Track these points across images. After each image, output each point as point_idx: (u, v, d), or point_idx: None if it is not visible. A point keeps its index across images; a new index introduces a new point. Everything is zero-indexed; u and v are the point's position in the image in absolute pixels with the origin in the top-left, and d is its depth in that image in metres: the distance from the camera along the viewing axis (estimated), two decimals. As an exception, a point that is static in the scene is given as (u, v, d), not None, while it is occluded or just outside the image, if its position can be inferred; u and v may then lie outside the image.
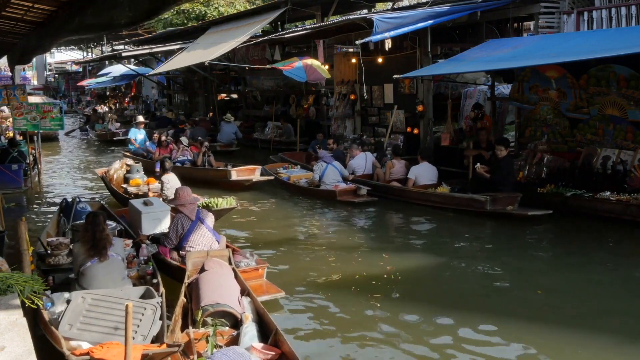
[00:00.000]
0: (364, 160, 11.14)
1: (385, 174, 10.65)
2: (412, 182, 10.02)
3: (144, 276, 5.74)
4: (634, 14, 9.40)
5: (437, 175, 10.19)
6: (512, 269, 6.85)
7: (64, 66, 48.05)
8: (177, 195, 6.46)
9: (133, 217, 7.63)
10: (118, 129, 21.39)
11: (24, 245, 4.96)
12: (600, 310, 5.62)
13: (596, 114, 9.53)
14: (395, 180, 10.43)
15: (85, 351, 3.92)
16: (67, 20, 6.99)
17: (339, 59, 13.81)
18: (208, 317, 4.62)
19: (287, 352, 4.12)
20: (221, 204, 9.06)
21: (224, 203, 9.09)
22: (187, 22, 24.66)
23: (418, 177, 10.05)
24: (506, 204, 8.59)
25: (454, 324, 5.28)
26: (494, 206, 8.55)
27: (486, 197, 8.59)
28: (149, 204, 7.52)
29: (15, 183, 11.53)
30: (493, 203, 8.56)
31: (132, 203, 7.79)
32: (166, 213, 7.51)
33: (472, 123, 11.75)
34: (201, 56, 15.06)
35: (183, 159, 13.22)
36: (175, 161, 12.48)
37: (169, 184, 9.32)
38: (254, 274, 5.83)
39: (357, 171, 11.04)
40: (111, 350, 3.82)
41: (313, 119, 16.50)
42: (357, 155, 11.21)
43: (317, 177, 10.50)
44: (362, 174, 10.99)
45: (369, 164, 11.14)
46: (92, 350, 3.86)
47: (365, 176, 10.90)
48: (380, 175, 10.74)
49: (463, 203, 8.95)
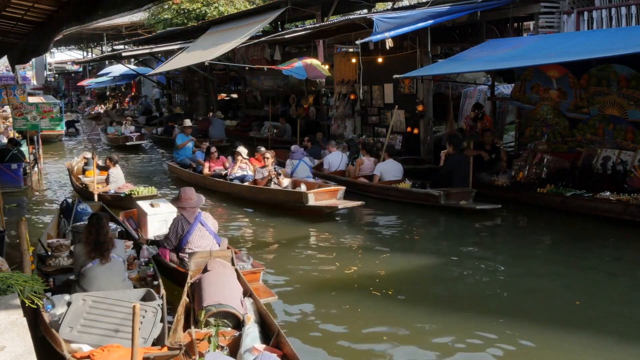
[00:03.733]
0: (339, 157, 11.67)
1: (355, 170, 11.05)
2: (377, 178, 10.43)
3: (144, 278, 5.73)
4: (634, 14, 9.40)
5: (402, 171, 10.56)
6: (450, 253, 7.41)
7: (64, 66, 48.05)
8: (180, 195, 6.36)
9: (141, 219, 7.65)
10: (132, 133, 19.15)
11: (24, 245, 4.95)
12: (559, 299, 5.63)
13: (596, 113, 9.53)
14: (364, 177, 10.76)
15: (86, 354, 3.90)
16: (68, 18, 6.97)
17: (339, 58, 13.82)
18: (210, 317, 4.61)
19: (289, 353, 4.12)
20: (142, 192, 9.67)
21: (145, 191, 9.70)
22: (187, 22, 24.66)
23: (383, 173, 10.43)
24: (459, 199, 9.09)
25: (456, 323, 5.29)
26: (447, 201, 9.08)
27: (440, 192, 9.10)
28: (155, 206, 7.53)
29: (14, 182, 11.52)
30: (447, 198, 9.08)
31: (139, 204, 7.81)
32: (173, 215, 7.51)
33: (472, 123, 11.76)
34: (201, 56, 15.07)
35: (242, 175, 10.74)
36: (231, 178, 10.72)
37: (113, 177, 10.13)
38: (250, 277, 5.81)
39: (332, 166, 11.52)
40: (112, 353, 3.80)
41: (313, 119, 16.51)
42: (333, 152, 11.76)
43: (288, 171, 10.79)
44: (337, 169, 11.45)
45: (343, 160, 11.66)
46: (92, 354, 3.84)
47: (339, 172, 11.35)
48: (351, 171, 11.16)
49: (420, 197, 9.46)
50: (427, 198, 9.29)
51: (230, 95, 23.24)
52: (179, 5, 25.51)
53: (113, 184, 10.18)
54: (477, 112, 11.74)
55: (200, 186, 10.63)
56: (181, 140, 13.40)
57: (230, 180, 10.67)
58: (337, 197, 9.11)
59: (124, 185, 10.24)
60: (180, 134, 13.81)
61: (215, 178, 11.12)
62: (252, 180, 10.34)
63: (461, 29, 12.63)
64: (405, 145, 12.51)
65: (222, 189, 10.86)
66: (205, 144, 12.50)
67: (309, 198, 8.90)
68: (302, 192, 9.08)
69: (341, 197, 9.14)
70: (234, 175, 10.73)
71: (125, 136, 18.90)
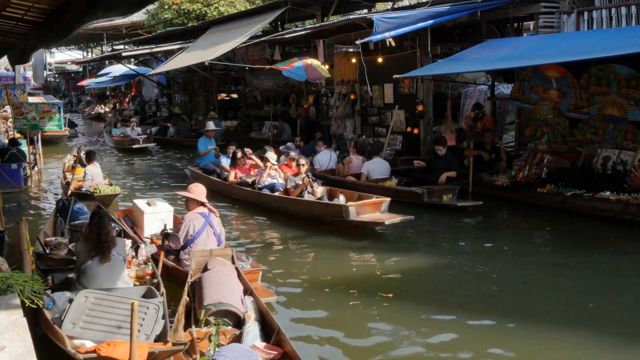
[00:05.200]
0: (329, 156, 11.82)
1: (344, 169, 11.18)
2: (364, 177, 10.56)
3: (143, 276, 5.74)
4: (634, 14, 9.41)
5: (389, 169, 10.71)
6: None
7: (64, 66, 48.07)
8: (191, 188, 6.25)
9: (137, 218, 7.65)
10: (139, 136, 18.40)
11: (25, 245, 4.96)
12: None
13: (596, 113, 9.54)
14: (352, 175, 10.88)
15: (92, 349, 3.92)
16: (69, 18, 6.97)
17: (339, 58, 13.81)
18: (211, 316, 4.61)
19: (289, 351, 4.13)
20: (104, 190, 9.74)
21: (108, 190, 9.78)
22: (187, 22, 24.67)
23: (370, 172, 10.57)
24: (442, 195, 9.32)
25: (456, 322, 5.30)
26: (430, 198, 9.30)
27: (422, 189, 9.36)
28: (152, 204, 7.53)
29: (14, 182, 11.53)
30: (429, 195, 9.30)
31: (135, 203, 7.82)
32: (169, 214, 7.52)
33: (472, 123, 11.76)
34: (201, 56, 15.07)
35: (272, 184, 9.66)
36: (259, 186, 9.73)
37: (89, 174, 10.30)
38: (249, 277, 5.81)
39: (322, 165, 11.70)
40: (117, 348, 3.82)
41: (313, 119, 16.52)
42: (322, 152, 11.91)
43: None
44: (327, 168, 11.64)
45: (333, 159, 11.80)
46: (99, 349, 3.86)
47: (328, 171, 11.53)
48: (340, 170, 11.30)
49: (404, 195, 9.61)
50: (411, 196, 9.47)
51: (230, 95, 23.26)
52: (179, 5, 25.53)
53: (88, 181, 10.36)
54: (477, 112, 11.75)
55: (225, 195, 10.32)
56: (204, 146, 12.32)
57: (259, 190, 9.72)
58: (380, 209, 8.31)
59: (96, 183, 10.33)
60: (202, 138, 12.62)
61: (242, 186, 10.20)
62: (283, 189, 9.46)
63: (461, 29, 12.64)
64: (406, 145, 12.51)
65: (250, 199, 9.97)
66: (231, 148, 11.44)
67: (349, 212, 8.04)
68: (342, 205, 8.21)
69: (385, 210, 8.32)
70: (263, 183, 9.70)
71: (131, 139, 18.20)
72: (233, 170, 10.55)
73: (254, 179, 10.02)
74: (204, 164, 12.07)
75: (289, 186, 9.25)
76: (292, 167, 10.00)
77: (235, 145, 11.58)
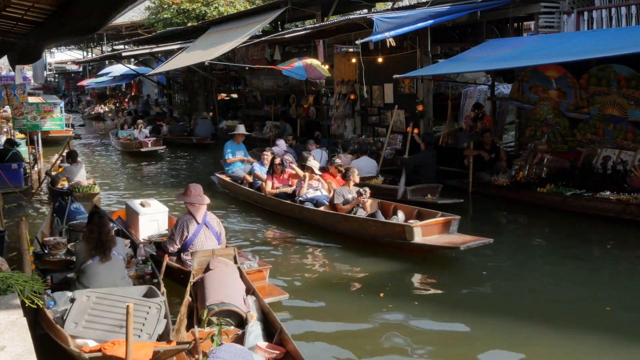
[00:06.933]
0: (319, 154, 11.70)
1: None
2: None
3: (142, 276, 5.72)
4: (634, 14, 9.42)
5: (376, 168, 10.72)
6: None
7: (64, 66, 48.08)
8: (188, 191, 6.18)
9: (130, 219, 7.60)
10: (147, 138, 17.31)
11: (25, 245, 4.96)
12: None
13: (596, 113, 9.54)
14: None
15: (97, 348, 3.92)
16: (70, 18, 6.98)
17: (339, 58, 13.82)
18: (213, 316, 4.62)
19: (292, 350, 4.14)
20: (84, 189, 9.78)
21: (88, 189, 9.82)
22: (187, 22, 24.68)
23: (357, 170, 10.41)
24: (425, 194, 9.24)
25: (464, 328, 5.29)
26: (413, 195, 9.22)
27: (405, 188, 9.33)
28: (146, 205, 7.49)
29: (14, 182, 11.51)
30: (412, 193, 9.25)
31: (128, 204, 7.77)
32: (164, 215, 7.49)
33: (472, 123, 11.76)
34: (201, 56, 15.06)
35: (316, 196, 8.43)
36: (301, 199, 8.52)
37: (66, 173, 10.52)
38: (257, 276, 5.80)
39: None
40: (122, 347, 3.82)
41: (313, 119, 16.53)
42: (313, 150, 11.76)
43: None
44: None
45: (323, 157, 11.66)
46: (104, 347, 3.86)
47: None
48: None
49: (389, 192, 9.49)
50: (395, 193, 9.40)
51: (230, 95, 23.27)
52: (178, 5, 25.53)
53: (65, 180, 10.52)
54: (477, 112, 11.75)
55: (256, 206, 9.44)
56: (231, 152, 11.17)
57: (301, 203, 8.54)
58: (449, 229, 7.05)
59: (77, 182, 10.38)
60: (230, 142, 11.44)
61: (280, 199, 9.06)
62: (328, 202, 8.24)
63: (461, 29, 12.63)
64: (405, 145, 12.50)
65: (291, 214, 8.74)
66: (266, 153, 10.20)
67: (414, 233, 6.77)
68: (405, 225, 6.92)
69: (454, 230, 7.07)
70: (305, 196, 8.50)
71: (139, 141, 17.06)
72: (270, 179, 9.33)
73: (294, 189, 8.96)
74: (232, 171, 11.00)
75: (336, 201, 7.95)
76: (337, 176, 8.86)
77: (271, 150, 10.63)
